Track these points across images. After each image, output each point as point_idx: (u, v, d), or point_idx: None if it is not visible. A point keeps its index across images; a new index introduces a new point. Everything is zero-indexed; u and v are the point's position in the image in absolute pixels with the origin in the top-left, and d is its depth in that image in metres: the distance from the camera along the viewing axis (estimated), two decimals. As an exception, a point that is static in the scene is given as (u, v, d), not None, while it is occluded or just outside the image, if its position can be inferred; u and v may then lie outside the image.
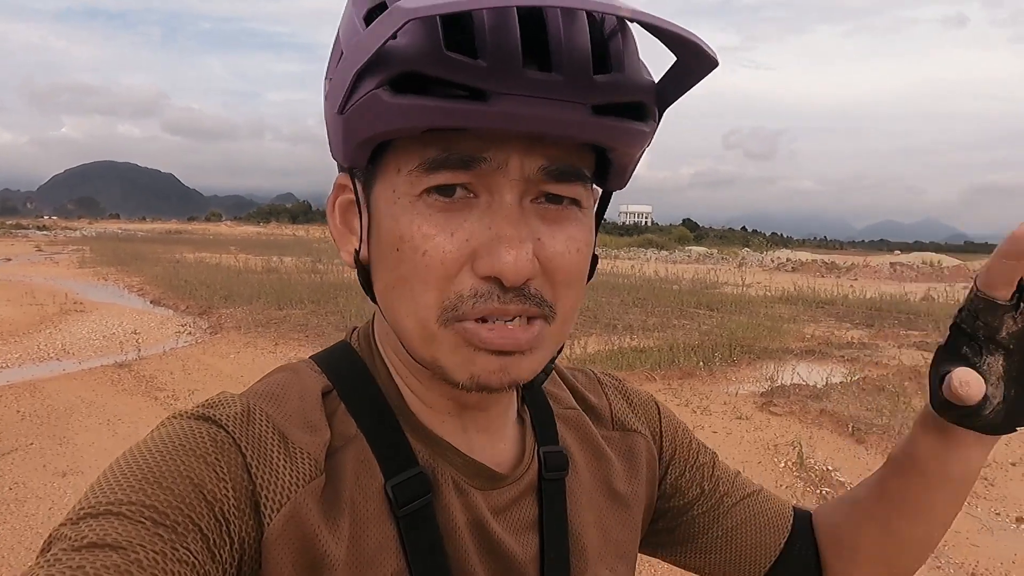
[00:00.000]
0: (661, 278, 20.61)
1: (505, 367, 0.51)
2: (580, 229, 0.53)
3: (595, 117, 0.47)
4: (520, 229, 0.49)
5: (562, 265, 0.51)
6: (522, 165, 0.49)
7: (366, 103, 0.47)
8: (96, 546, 0.43)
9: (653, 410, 0.76)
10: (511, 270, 0.48)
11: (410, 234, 0.49)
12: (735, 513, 0.74)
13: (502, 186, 0.49)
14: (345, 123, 0.49)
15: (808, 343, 10.36)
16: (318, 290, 13.99)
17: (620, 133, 0.49)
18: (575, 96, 0.46)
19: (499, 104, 0.45)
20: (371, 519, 0.54)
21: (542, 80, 0.45)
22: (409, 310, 0.51)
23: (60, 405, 6.15)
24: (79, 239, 44.22)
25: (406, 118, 0.46)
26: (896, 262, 30.62)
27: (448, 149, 0.48)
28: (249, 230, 77.56)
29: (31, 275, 18.24)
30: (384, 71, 0.46)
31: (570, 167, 0.50)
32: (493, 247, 0.48)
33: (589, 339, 9.61)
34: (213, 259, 23.51)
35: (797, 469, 5.05)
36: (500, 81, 0.44)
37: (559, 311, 0.52)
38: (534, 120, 0.45)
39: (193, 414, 0.53)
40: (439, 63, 0.44)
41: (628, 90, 0.49)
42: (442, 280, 0.49)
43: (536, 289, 0.50)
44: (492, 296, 0.49)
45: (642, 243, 58.20)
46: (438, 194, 0.49)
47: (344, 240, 0.58)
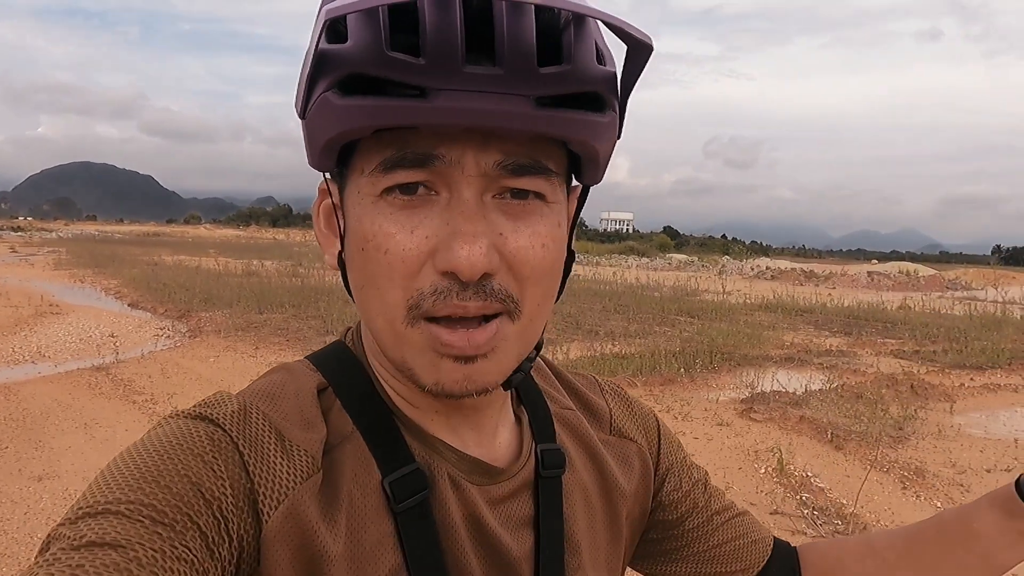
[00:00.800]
0: (642, 285, 20.71)
1: (469, 375, 0.51)
2: (545, 224, 0.52)
3: (540, 109, 0.47)
4: (476, 224, 0.49)
5: (527, 259, 0.51)
6: (477, 161, 0.49)
7: (319, 106, 0.48)
8: (95, 545, 0.43)
9: (653, 423, 0.77)
10: (465, 264, 0.48)
11: (372, 233, 0.50)
12: (723, 531, 0.75)
13: (460, 183, 0.49)
14: (307, 127, 0.51)
15: (788, 350, 10.45)
16: (299, 294, 13.92)
17: (570, 124, 0.49)
18: (517, 88, 0.46)
19: (439, 100, 0.45)
20: (369, 515, 0.54)
21: (482, 74, 0.46)
22: (378, 310, 0.52)
23: (36, 409, 6.06)
24: (55, 240, 43.67)
25: (354, 119, 0.47)
26: (873, 271, 30.98)
27: (403, 148, 0.49)
28: (229, 233, 77.04)
29: (5, 277, 17.96)
30: (332, 74, 0.47)
31: (529, 161, 0.50)
32: (449, 242, 0.49)
33: (571, 345, 9.64)
34: (192, 262, 23.32)
35: (777, 475, 5.09)
36: (440, 77, 0.45)
37: (525, 308, 0.52)
38: (475, 114, 0.46)
39: (190, 413, 0.53)
40: (381, 63, 0.45)
41: (577, 81, 0.48)
42: (405, 278, 0.50)
43: (500, 285, 0.50)
44: (451, 293, 0.49)
45: (623, 250, 58.49)
46: (400, 192, 0.50)
47: (328, 243, 0.58)
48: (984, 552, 0.65)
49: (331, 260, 0.58)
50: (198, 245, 40.55)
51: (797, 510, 4.58)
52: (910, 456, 5.69)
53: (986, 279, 33.33)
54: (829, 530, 4.30)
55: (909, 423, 6.52)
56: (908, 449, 5.88)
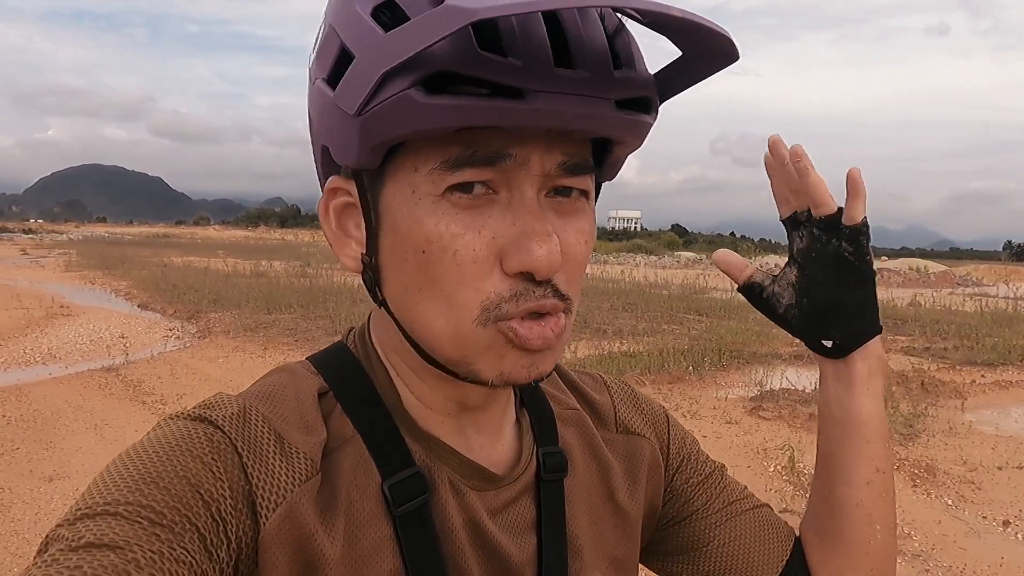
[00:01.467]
0: (651, 283, 20.66)
1: (534, 363, 0.52)
2: (587, 221, 0.54)
3: (618, 112, 0.48)
4: (545, 222, 0.49)
5: (575, 256, 0.52)
6: (542, 160, 0.49)
7: (395, 104, 0.45)
8: (93, 546, 0.43)
9: (662, 418, 0.75)
10: (544, 264, 0.48)
11: (438, 234, 0.49)
12: (739, 523, 0.72)
13: (523, 181, 0.49)
14: (363, 125, 0.48)
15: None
16: (307, 294, 13.94)
17: (635, 127, 0.51)
18: (601, 92, 0.47)
19: (536, 102, 0.45)
20: (368, 518, 0.54)
21: (573, 77, 0.46)
22: (440, 311, 0.51)
23: (47, 410, 6.10)
24: (65, 243, 43.92)
25: (442, 118, 0.45)
26: (883, 268, 30.82)
27: (473, 146, 0.48)
28: (237, 234, 77.29)
29: (16, 279, 18.08)
30: (416, 71, 0.45)
31: (584, 160, 0.51)
32: (522, 242, 0.48)
33: (579, 344, 9.62)
34: (201, 263, 23.40)
35: (787, 473, 5.07)
36: (535, 79, 0.45)
37: (573, 303, 0.53)
38: (568, 117, 0.46)
39: (189, 415, 0.53)
40: (474, 62, 0.44)
41: (641, 85, 0.50)
42: (476, 279, 0.49)
43: (557, 282, 0.51)
44: (530, 293, 0.50)
45: (632, 248, 58.40)
46: (461, 192, 0.49)
47: (342, 244, 0.56)
48: (828, 416, 0.71)
49: (351, 263, 0.55)
50: (207, 246, 40.70)
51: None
52: (920, 454, 5.66)
53: (997, 275, 33.13)
54: (839, 528, 4.27)
55: (920, 420, 6.48)
56: (918, 447, 5.84)
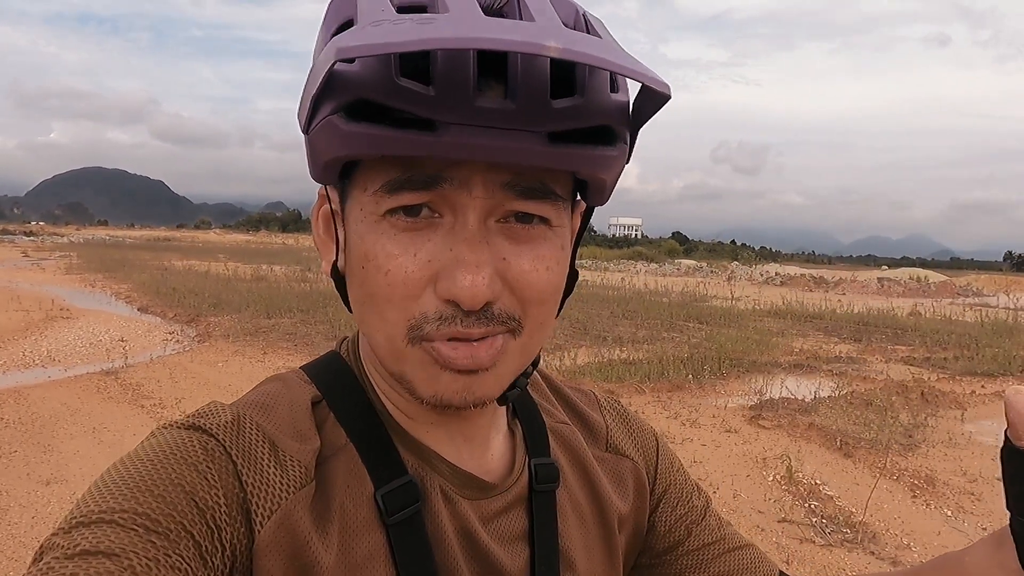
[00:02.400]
0: (651, 291, 20.67)
1: (468, 387, 0.51)
2: (550, 248, 0.52)
3: (551, 146, 0.46)
4: (480, 253, 0.48)
5: (531, 282, 0.50)
6: (485, 183, 0.48)
7: (324, 127, 0.47)
8: (89, 553, 0.43)
9: (651, 442, 0.75)
10: (467, 295, 0.47)
11: (374, 253, 0.50)
12: (720, 564, 0.71)
13: (466, 206, 0.48)
14: (310, 143, 0.50)
15: (797, 357, 10.40)
16: (307, 299, 13.95)
17: (581, 159, 0.48)
18: (529, 125, 0.45)
19: (448, 135, 0.44)
20: (361, 527, 0.54)
21: (493, 109, 0.44)
22: (377, 327, 0.52)
23: (45, 413, 6.09)
24: (66, 245, 43.97)
25: (360, 145, 0.46)
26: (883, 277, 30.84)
27: (410, 170, 0.48)
28: (238, 238, 77.37)
29: (17, 281, 18.10)
30: (338, 97, 0.45)
31: (537, 185, 0.49)
32: (452, 270, 0.48)
33: (579, 351, 9.62)
34: (202, 267, 23.42)
35: (785, 483, 5.06)
36: (449, 111, 0.44)
37: (527, 326, 0.52)
38: (484, 150, 0.45)
39: (183, 424, 0.53)
40: (390, 91, 0.44)
41: (589, 115, 0.47)
42: (405, 300, 0.49)
43: (501, 308, 0.50)
44: (455, 320, 0.49)
45: (632, 256, 58.48)
46: (403, 214, 0.49)
47: (326, 250, 0.58)
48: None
49: (327, 267, 0.57)
50: (208, 250, 40.77)
51: (806, 518, 4.55)
52: (920, 464, 5.65)
53: (998, 285, 33.13)
54: (838, 538, 4.27)
55: (919, 431, 6.47)
56: (918, 457, 5.83)
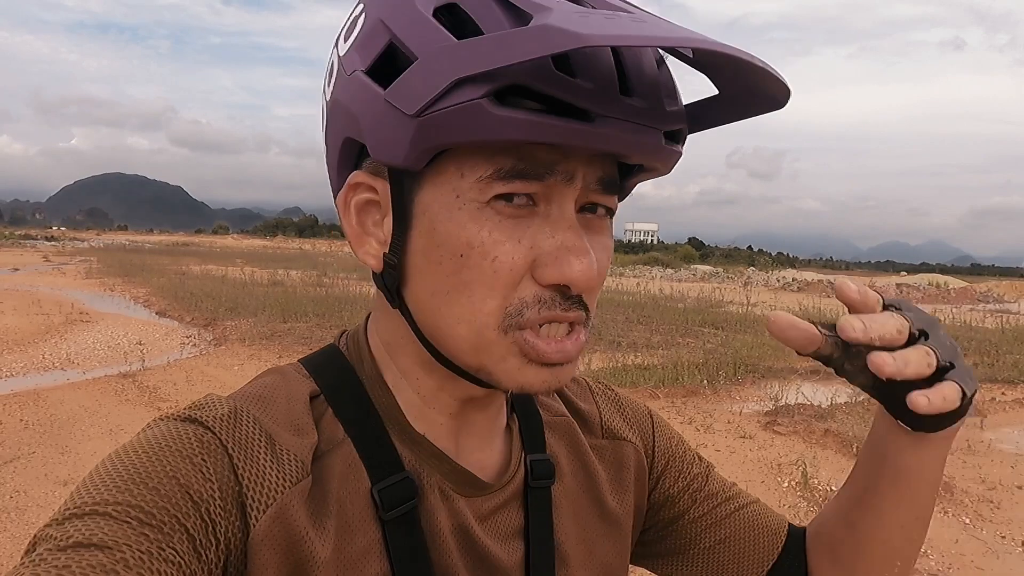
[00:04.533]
0: (666, 296, 20.58)
1: (556, 376, 0.53)
2: (609, 238, 0.55)
3: (666, 144, 0.51)
4: (583, 239, 0.51)
5: (600, 272, 0.53)
6: (584, 176, 0.51)
7: (462, 111, 0.45)
8: (82, 546, 0.43)
9: (646, 420, 0.76)
10: (582, 279, 0.50)
11: (480, 240, 0.49)
12: (728, 524, 0.73)
13: (564, 196, 0.50)
14: (420, 126, 0.47)
15: (813, 363, 10.27)
16: (323, 303, 14.01)
17: (672, 158, 0.53)
18: (655, 122, 0.49)
19: (602, 126, 0.46)
20: (357, 522, 0.54)
21: (633, 107, 0.48)
22: (464, 316, 0.51)
23: (63, 414, 6.16)
24: (87, 250, 44.45)
25: (512, 131, 0.45)
26: (902, 283, 30.54)
27: (524, 160, 0.48)
28: (255, 243, 77.92)
29: (38, 285, 18.32)
30: (491, 82, 0.45)
31: (615, 179, 0.53)
32: (560, 255, 0.50)
33: (593, 356, 9.60)
34: (219, 271, 23.58)
35: (801, 489, 5.02)
36: (602, 103, 0.46)
37: (591, 315, 0.54)
38: (627, 144, 0.48)
39: (179, 416, 0.53)
40: (549, 80, 0.45)
41: (683, 119, 0.52)
42: (507, 287, 0.50)
43: (578, 294, 0.52)
44: (555, 303, 0.51)
45: (648, 261, 58.28)
46: (503, 200, 0.49)
47: (362, 241, 0.55)
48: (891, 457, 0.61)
49: (373, 260, 0.54)
50: (226, 255, 41.05)
51: (821, 525, 4.50)
52: (938, 471, 5.57)
53: (1019, 291, 32.69)
54: (854, 546, 4.22)
55: (937, 438, 6.39)
56: (936, 464, 5.76)
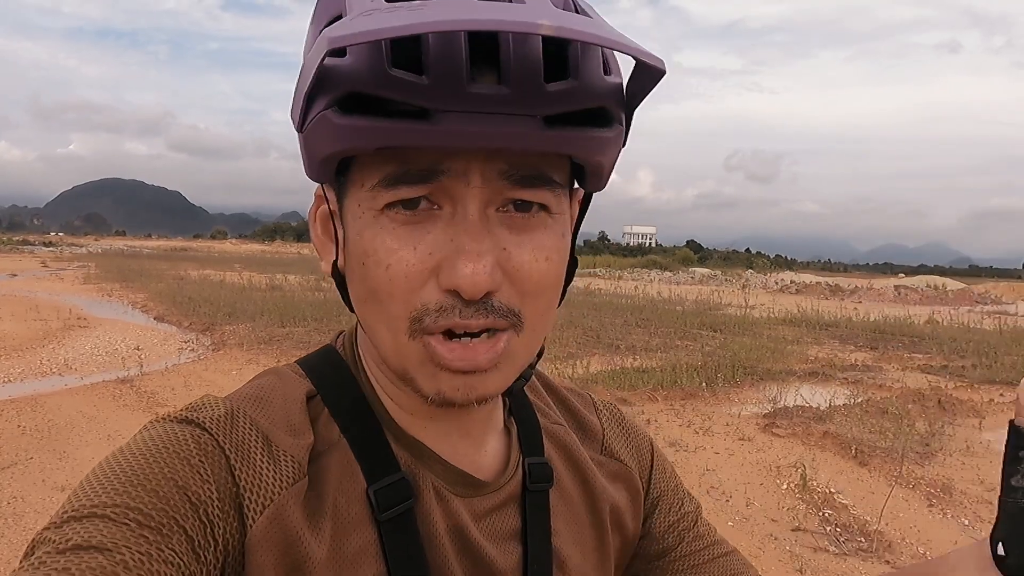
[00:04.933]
0: (665, 299, 20.58)
1: (470, 385, 0.51)
2: (549, 236, 0.52)
3: (547, 129, 0.46)
4: (481, 242, 0.48)
5: (530, 274, 0.50)
6: (483, 173, 0.48)
7: (318, 123, 0.47)
8: (81, 548, 0.43)
9: (647, 448, 0.75)
10: (468, 283, 0.47)
11: (374, 248, 0.50)
12: (709, 569, 0.72)
13: (464, 196, 0.48)
14: (304, 141, 0.50)
15: (811, 365, 10.32)
16: (321, 308, 13.99)
17: (577, 142, 0.48)
18: (524, 109, 0.45)
19: (443, 122, 0.44)
20: (353, 523, 0.54)
21: (488, 95, 0.44)
22: (380, 323, 0.52)
23: (61, 420, 6.14)
24: (85, 255, 44.37)
25: (355, 138, 0.46)
26: (900, 285, 30.56)
27: (406, 163, 0.48)
28: (254, 248, 77.88)
29: (36, 290, 18.28)
30: (331, 92, 0.45)
31: (535, 172, 0.49)
32: (453, 260, 0.48)
33: (592, 359, 9.59)
34: (217, 276, 23.56)
35: (800, 491, 5.01)
36: (443, 99, 0.44)
37: (527, 320, 0.52)
38: (480, 136, 0.45)
39: (176, 417, 0.53)
40: (383, 83, 0.44)
41: (584, 97, 0.47)
42: (407, 293, 0.49)
43: (501, 301, 0.50)
44: (454, 310, 0.49)
45: (646, 264, 58.33)
46: (402, 207, 0.49)
47: (325, 250, 0.58)
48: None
49: (326, 267, 0.57)
50: (224, 260, 41.00)
51: (820, 527, 4.50)
52: (937, 473, 5.58)
53: (1017, 293, 32.73)
54: (853, 547, 4.22)
55: (936, 439, 6.39)
56: (935, 465, 5.76)
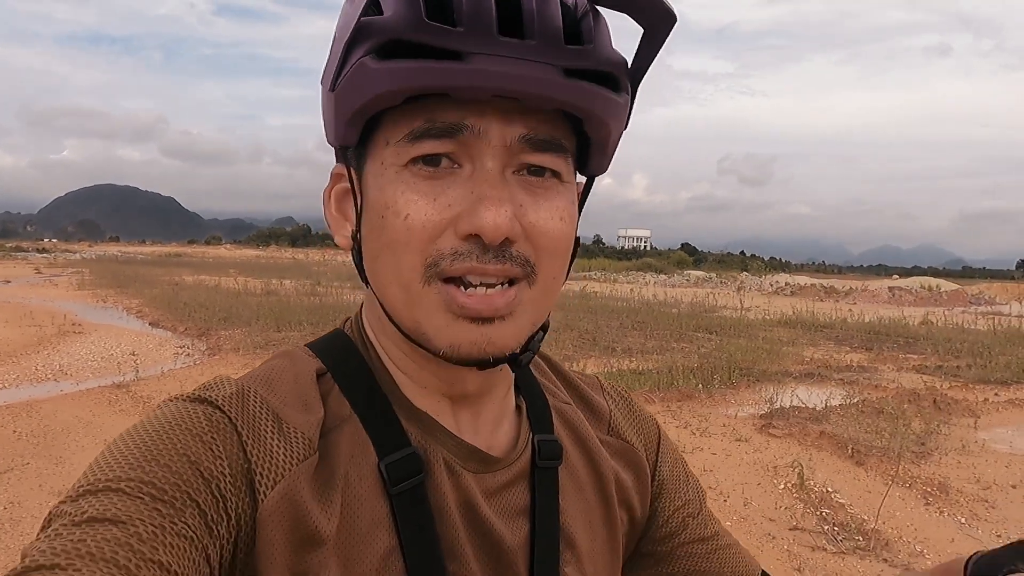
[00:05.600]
0: (660, 302, 20.61)
1: (486, 336, 0.52)
2: (562, 199, 0.54)
3: (567, 79, 0.50)
4: (501, 191, 0.51)
5: (546, 230, 0.53)
6: (502, 133, 0.51)
7: (354, 73, 0.50)
8: (96, 520, 0.44)
9: (654, 431, 0.76)
10: (491, 226, 0.49)
11: (394, 200, 0.52)
12: (711, 559, 0.73)
13: (484, 154, 0.51)
14: (336, 99, 0.52)
15: (807, 366, 10.34)
16: (317, 312, 13.98)
17: (592, 97, 0.51)
18: (547, 58, 0.49)
19: (474, 63, 0.48)
20: (365, 497, 0.55)
21: (516, 43, 0.48)
22: (393, 275, 0.53)
23: (57, 425, 6.12)
24: (79, 262, 44.24)
25: (390, 81, 0.49)
26: (894, 286, 30.66)
27: (431, 120, 0.50)
28: (249, 253, 77.76)
29: (30, 297, 18.23)
30: (370, 41, 0.49)
31: (550, 137, 0.52)
32: (475, 207, 0.50)
33: (588, 361, 9.60)
34: (212, 281, 23.51)
35: (797, 491, 5.02)
36: (475, 43, 0.48)
37: (541, 275, 0.54)
38: (508, 78, 0.48)
39: (189, 396, 0.54)
40: (419, 29, 0.48)
41: (598, 60, 0.51)
42: (424, 242, 0.51)
43: (519, 251, 0.52)
44: (471, 255, 0.51)
45: (641, 267, 58.38)
46: (424, 164, 0.51)
47: (339, 226, 0.60)
48: None
49: (343, 241, 0.59)
50: (218, 265, 40.94)
51: (817, 526, 4.51)
52: (933, 472, 5.60)
53: (1010, 294, 32.88)
54: (850, 546, 4.23)
55: (932, 438, 6.42)
56: (931, 465, 5.78)
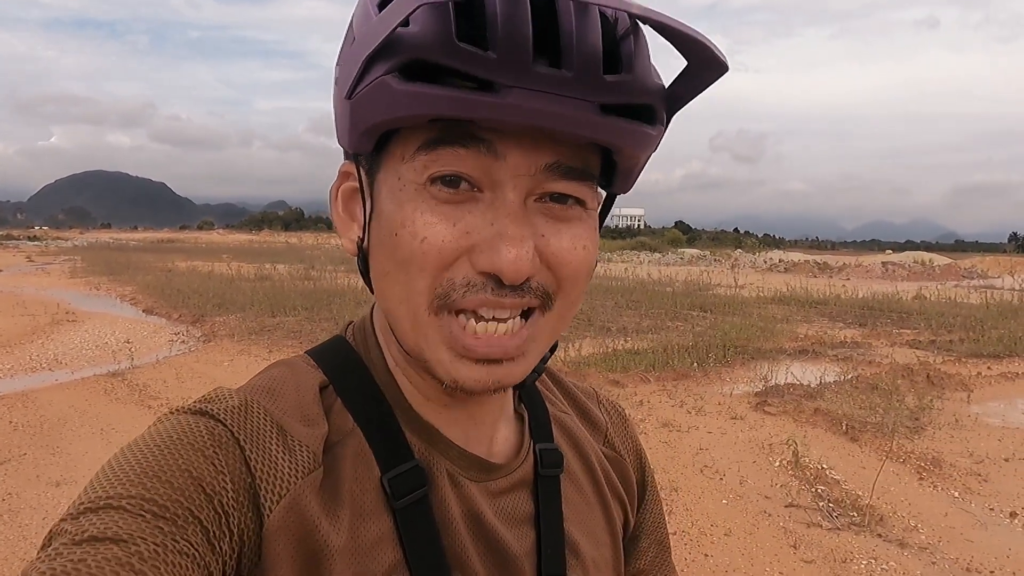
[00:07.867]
0: (654, 280, 20.64)
1: (493, 375, 0.51)
2: (585, 228, 0.52)
3: (603, 116, 0.47)
4: (523, 227, 0.48)
5: (568, 260, 0.51)
6: (527, 161, 0.48)
7: (375, 89, 0.47)
8: (97, 539, 0.43)
9: (642, 451, 0.77)
10: (511, 268, 0.47)
11: (411, 219, 0.49)
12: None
13: (506, 183, 0.49)
14: (353, 108, 0.49)
15: (801, 343, 10.39)
16: (311, 297, 13.96)
17: (628, 134, 0.49)
18: (584, 94, 0.46)
19: (508, 97, 0.44)
20: (369, 512, 0.54)
21: (552, 76, 0.45)
22: (401, 296, 0.51)
23: (53, 415, 6.11)
24: (70, 249, 43.99)
25: (414, 105, 0.46)
26: (888, 261, 30.77)
27: (445, 130, 0.48)
28: (241, 238, 77.39)
29: (22, 286, 18.12)
30: (394, 57, 0.46)
31: (577, 166, 0.50)
32: (494, 243, 0.48)
33: (583, 342, 9.62)
34: (205, 267, 23.40)
35: (792, 468, 5.06)
36: (510, 74, 0.44)
37: (557, 303, 0.52)
38: (541, 115, 0.45)
39: (190, 409, 0.53)
40: (450, 52, 0.44)
41: (637, 92, 0.48)
42: (437, 268, 0.49)
43: (538, 283, 0.50)
44: (486, 288, 0.49)
45: (635, 246, 58.37)
46: (443, 185, 0.49)
47: (345, 227, 0.58)
48: None
49: (349, 245, 0.57)
50: (211, 250, 40.77)
51: (812, 502, 4.55)
52: (927, 447, 5.65)
53: (1002, 267, 33.04)
54: (845, 522, 4.27)
55: (925, 413, 6.47)
56: (924, 439, 5.83)
